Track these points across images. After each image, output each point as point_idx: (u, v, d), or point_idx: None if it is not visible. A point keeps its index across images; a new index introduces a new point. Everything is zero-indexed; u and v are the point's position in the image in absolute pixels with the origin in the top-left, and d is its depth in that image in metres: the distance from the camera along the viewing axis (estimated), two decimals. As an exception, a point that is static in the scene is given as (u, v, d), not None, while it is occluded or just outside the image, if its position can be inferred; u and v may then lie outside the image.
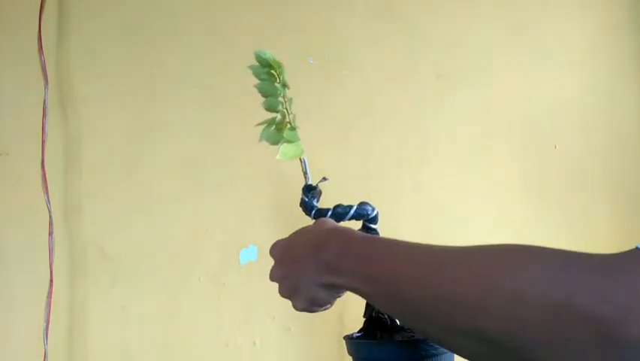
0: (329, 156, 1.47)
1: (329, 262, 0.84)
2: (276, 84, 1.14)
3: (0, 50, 1.43)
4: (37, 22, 1.44)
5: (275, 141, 1.13)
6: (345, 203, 1.20)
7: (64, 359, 1.38)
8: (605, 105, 1.54)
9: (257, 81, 1.14)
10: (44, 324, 1.36)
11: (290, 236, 0.98)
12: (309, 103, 1.49)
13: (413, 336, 1.12)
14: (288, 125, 1.13)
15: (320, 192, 1.19)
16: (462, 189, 1.50)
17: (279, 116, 1.13)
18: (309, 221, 1.19)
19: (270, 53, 1.13)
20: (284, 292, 0.93)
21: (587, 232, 1.50)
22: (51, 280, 1.37)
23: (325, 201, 1.21)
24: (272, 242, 1.42)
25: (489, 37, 1.54)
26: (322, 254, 0.85)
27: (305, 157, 1.17)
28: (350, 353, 1.18)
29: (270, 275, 0.95)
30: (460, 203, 1.49)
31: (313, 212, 1.18)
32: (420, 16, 1.54)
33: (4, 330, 1.37)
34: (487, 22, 1.54)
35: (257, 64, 1.14)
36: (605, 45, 1.55)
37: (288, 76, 1.37)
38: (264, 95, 1.14)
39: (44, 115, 1.42)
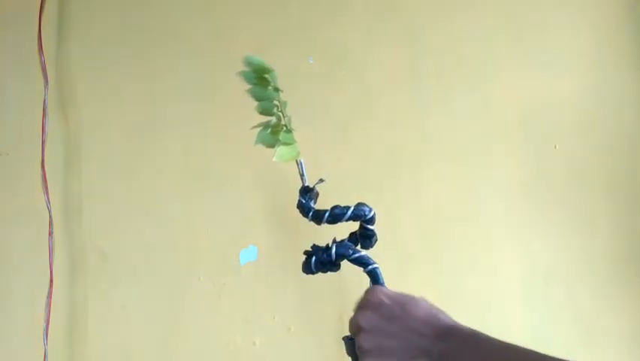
0: (328, 156, 1.47)
1: (444, 354, 0.80)
2: (268, 88, 1.15)
3: (0, 50, 1.43)
4: (37, 22, 1.44)
5: (270, 144, 1.13)
6: (345, 203, 1.20)
7: (64, 359, 1.38)
8: (605, 105, 1.53)
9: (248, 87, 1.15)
10: (44, 324, 1.36)
11: (402, 296, 0.93)
12: (309, 103, 1.49)
13: (412, 336, 1.12)
14: (284, 128, 1.14)
15: (317, 194, 1.19)
16: (462, 189, 1.49)
17: (273, 120, 1.14)
18: (307, 222, 1.19)
19: (259, 59, 1.14)
20: (367, 343, 0.88)
21: (587, 232, 1.50)
22: (51, 280, 1.38)
23: (325, 201, 1.21)
24: (272, 242, 1.44)
25: (489, 37, 1.54)
26: (441, 343, 0.81)
27: (301, 159, 1.17)
28: (349, 354, 1.18)
29: (358, 319, 0.89)
30: (460, 203, 1.49)
31: (310, 213, 1.18)
32: (420, 16, 1.54)
33: (4, 330, 1.37)
34: (487, 22, 1.54)
35: (247, 69, 1.15)
36: (605, 45, 1.55)
37: (289, 76, 1.37)
38: (257, 99, 1.15)
39: (44, 115, 1.42)
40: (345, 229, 1.24)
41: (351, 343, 1.18)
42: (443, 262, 1.47)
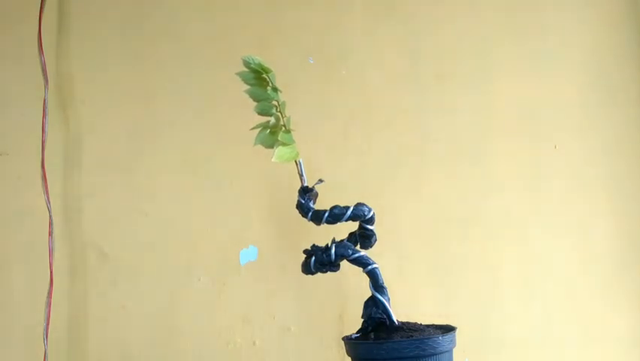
0: (328, 156, 1.47)
1: None
2: (267, 88, 1.15)
3: (0, 50, 1.43)
4: (37, 22, 1.44)
5: (269, 145, 1.13)
6: (345, 203, 1.21)
7: (64, 359, 1.38)
8: (605, 105, 1.53)
9: (247, 87, 1.15)
10: (44, 324, 1.36)
11: None
12: (309, 103, 1.49)
13: (411, 336, 1.12)
14: (283, 128, 1.14)
15: (316, 194, 1.19)
16: (462, 189, 1.50)
17: (272, 120, 1.14)
18: (307, 222, 1.19)
19: (258, 59, 1.13)
20: None
21: (586, 232, 1.50)
22: (51, 280, 1.38)
23: (325, 201, 1.22)
24: (272, 242, 1.44)
25: (489, 37, 1.54)
26: None
27: (300, 159, 1.17)
28: (349, 354, 1.19)
29: None
30: (460, 203, 1.49)
31: (310, 214, 1.19)
32: (420, 16, 1.54)
33: (4, 330, 1.37)
34: (487, 23, 1.54)
35: (246, 70, 1.15)
36: (605, 45, 1.55)
37: (289, 76, 1.38)
38: (255, 100, 1.15)
39: (44, 115, 1.42)
40: (345, 229, 1.25)
41: (350, 343, 1.18)
42: (443, 262, 1.47)
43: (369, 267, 1.19)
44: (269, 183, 1.46)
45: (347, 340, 1.19)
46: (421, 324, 1.20)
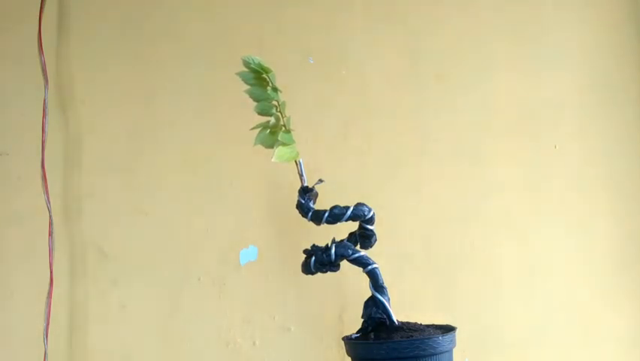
0: (328, 156, 1.47)
1: None
2: (267, 88, 1.15)
3: (0, 50, 1.44)
4: (37, 22, 1.44)
5: (269, 144, 1.14)
6: (345, 203, 1.21)
7: (64, 359, 1.38)
8: (605, 105, 1.53)
9: (247, 87, 1.15)
10: (44, 324, 1.36)
11: None
12: (309, 103, 1.49)
13: (411, 336, 1.12)
14: (283, 128, 1.14)
15: (316, 194, 1.19)
16: (462, 189, 1.50)
17: (272, 120, 1.14)
18: (307, 222, 1.19)
19: (258, 59, 1.14)
20: None
21: (586, 232, 1.50)
22: (51, 280, 1.38)
23: (325, 201, 1.22)
24: (272, 242, 1.44)
25: (489, 37, 1.54)
26: None
27: (300, 159, 1.18)
28: (349, 354, 1.19)
29: None
30: (460, 203, 1.49)
31: (310, 213, 1.19)
32: (420, 16, 1.54)
33: (4, 330, 1.37)
34: (487, 23, 1.54)
35: (246, 70, 1.15)
36: (605, 45, 1.55)
37: (289, 76, 1.38)
38: (255, 100, 1.15)
39: (44, 115, 1.42)
40: (345, 229, 1.25)
41: (350, 343, 1.18)
42: (443, 262, 1.47)
43: (369, 267, 1.19)
44: (269, 183, 1.46)
45: (347, 340, 1.19)
46: (421, 324, 1.21)
